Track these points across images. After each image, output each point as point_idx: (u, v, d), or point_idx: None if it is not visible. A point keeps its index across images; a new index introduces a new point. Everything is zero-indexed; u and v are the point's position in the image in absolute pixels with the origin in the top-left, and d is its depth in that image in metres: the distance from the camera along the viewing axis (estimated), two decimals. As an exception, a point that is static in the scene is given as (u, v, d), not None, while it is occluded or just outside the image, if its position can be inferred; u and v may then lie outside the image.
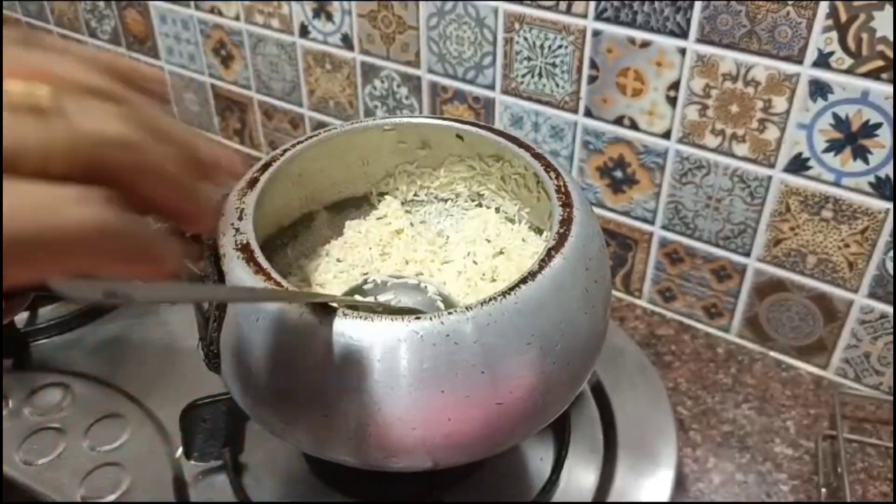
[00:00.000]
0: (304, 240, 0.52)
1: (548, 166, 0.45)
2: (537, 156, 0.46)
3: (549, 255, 0.38)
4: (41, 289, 0.22)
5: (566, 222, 0.41)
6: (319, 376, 0.36)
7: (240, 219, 0.41)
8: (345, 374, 0.35)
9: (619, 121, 0.63)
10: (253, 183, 0.44)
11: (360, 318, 0.36)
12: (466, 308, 0.36)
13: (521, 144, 0.47)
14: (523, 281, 0.37)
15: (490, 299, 0.36)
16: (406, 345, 0.35)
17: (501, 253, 0.49)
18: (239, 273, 0.38)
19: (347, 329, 0.35)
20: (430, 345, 0.35)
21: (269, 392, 0.38)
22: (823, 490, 0.54)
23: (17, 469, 0.51)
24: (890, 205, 0.54)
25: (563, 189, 0.43)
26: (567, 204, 0.42)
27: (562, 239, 0.39)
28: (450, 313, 0.35)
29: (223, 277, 0.39)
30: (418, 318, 0.35)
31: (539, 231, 0.51)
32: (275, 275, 0.38)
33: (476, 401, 0.36)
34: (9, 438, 0.53)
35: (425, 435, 0.37)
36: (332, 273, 0.48)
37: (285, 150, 0.47)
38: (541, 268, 0.38)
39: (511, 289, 0.37)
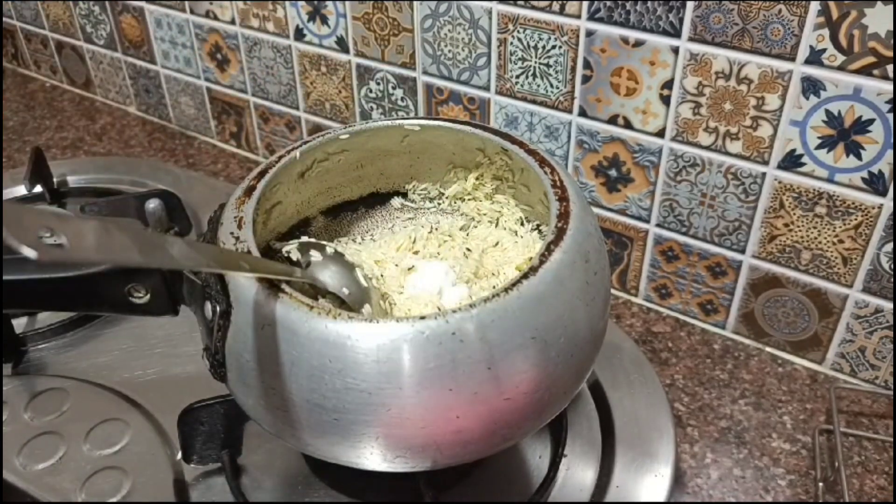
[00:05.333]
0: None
1: (542, 162, 0.45)
2: (531, 152, 0.46)
3: (548, 249, 0.39)
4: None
5: (564, 217, 0.41)
6: (327, 381, 0.36)
7: (239, 227, 0.41)
8: (352, 378, 0.36)
9: (613, 120, 0.63)
10: (250, 191, 0.44)
11: (366, 320, 0.36)
12: (470, 306, 0.36)
13: (514, 141, 0.47)
14: (524, 276, 0.37)
15: (493, 296, 0.36)
16: (411, 345, 0.35)
17: (493, 246, 0.50)
18: (241, 281, 0.38)
19: (353, 332, 0.36)
20: (436, 344, 0.35)
21: (276, 398, 0.38)
22: (821, 484, 0.54)
23: (18, 474, 0.51)
24: (883, 200, 0.54)
25: (558, 184, 0.43)
26: (563, 198, 0.42)
27: (560, 233, 0.40)
28: (454, 311, 0.36)
29: (226, 287, 0.39)
30: (423, 317, 0.36)
31: (531, 224, 0.51)
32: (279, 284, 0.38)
33: (483, 397, 0.36)
34: (9, 443, 0.53)
35: (434, 434, 0.37)
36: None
37: (280, 157, 0.47)
38: (541, 262, 0.38)
39: (513, 284, 0.37)
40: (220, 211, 0.44)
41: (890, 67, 0.50)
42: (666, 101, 0.60)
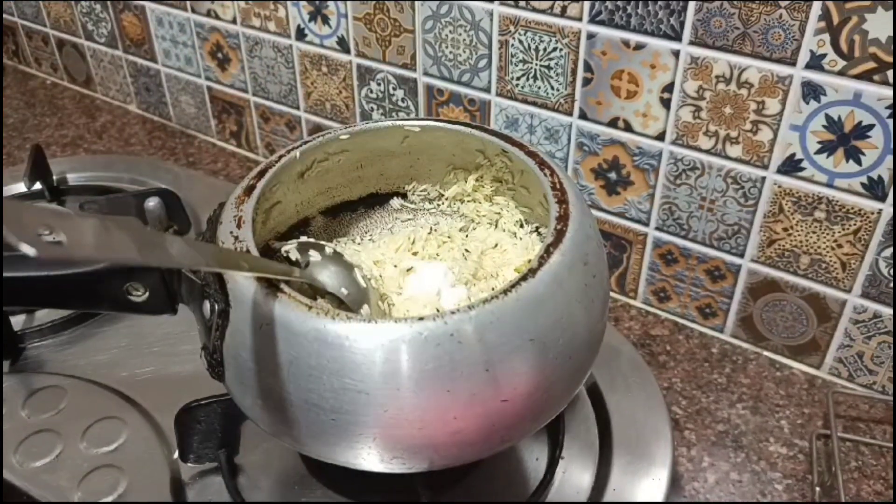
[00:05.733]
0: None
1: (542, 164, 0.45)
2: (531, 154, 0.46)
3: (547, 251, 0.39)
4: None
5: (563, 219, 0.41)
6: (325, 381, 0.36)
7: (238, 227, 0.41)
8: (350, 378, 0.36)
9: (613, 123, 0.63)
10: (250, 190, 0.44)
11: (364, 321, 0.36)
12: (468, 307, 0.36)
13: (514, 143, 0.47)
14: (523, 278, 0.37)
15: (491, 297, 0.36)
16: (409, 346, 0.35)
17: (493, 248, 0.50)
18: (240, 280, 0.38)
19: (351, 332, 0.36)
20: (434, 345, 0.35)
21: (274, 398, 0.38)
22: (818, 489, 0.54)
23: (15, 471, 0.51)
24: (882, 205, 0.54)
25: (558, 186, 0.43)
26: (563, 201, 0.42)
27: (559, 235, 0.40)
28: (452, 313, 0.36)
29: (224, 286, 0.39)
30: (421, 318, 0.36)
31: (530, 226, 0.51)
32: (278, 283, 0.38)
33: (481, 399, 0.36)
34: (6, 441, 0.53)
35: (431, 435, 0.37)
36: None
37: (280, 157, 0.47)
38: (540, 265, 0.38)
39: (511, 286, 0.37)
40: (219, 210, 0.44)
41: (890, 73, 0.50)
42: (666, 104, 0.60)
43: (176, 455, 0.51)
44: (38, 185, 0.77)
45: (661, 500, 0.50)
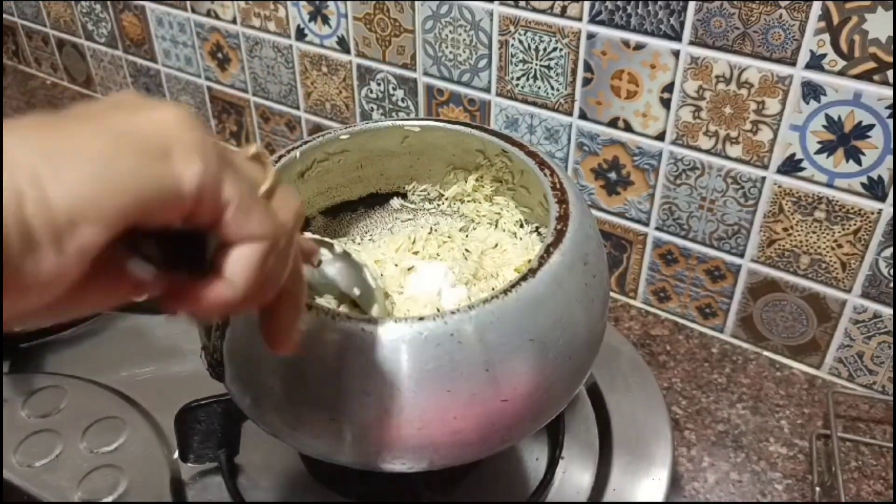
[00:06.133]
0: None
1: (542, 164, 0.45)
2: (531, 154, 0.46)
3: (547, 251, 0.39)
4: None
5: (563, 219, 0.41)
6: (325, 380, 0.36)
7: None
8: (350, 377, 0.36)
9: (613, 123, 0.63)
10: None
11: (364, 321, 0.36)
12: (469, 307, 0.36)
13: (514, 143, 0.47)
14: (523, 278, 0.37)
15: (492, 297, 0.36)
16: (410, 346, 0.35)
17: (493, 248, 0.50)
18: None
19: (351, 332, 0.36)
20: (434, 345, 0.35)
21: (274, 398, 0.38)
22: (818, 489, 0.54)
23: (15, 471, 0.51)
24: (882, 205, 0.54)
25: (558, 186, 0.43)
26: (563, 201, 0.42)
27: (559, 235, 0.40)
28: (452, 313, 0.36)
29: None
30: (421, 318, 0.36)
31: (530, 226, 0.51)
32: None
33: (481, 399, 0.36)
34: (6, 441, 0.53)
35: (431, 434, 0.37)
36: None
37: (280, 157, 0.47)
38: (540, 265, 0.38)
39: (512, 286, 0.37)
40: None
41: (890, 73, 0.50)
42: (666, 104, 0.60)
43: (176, 455, 0.51)
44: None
45: (661, 500, 0.50)
